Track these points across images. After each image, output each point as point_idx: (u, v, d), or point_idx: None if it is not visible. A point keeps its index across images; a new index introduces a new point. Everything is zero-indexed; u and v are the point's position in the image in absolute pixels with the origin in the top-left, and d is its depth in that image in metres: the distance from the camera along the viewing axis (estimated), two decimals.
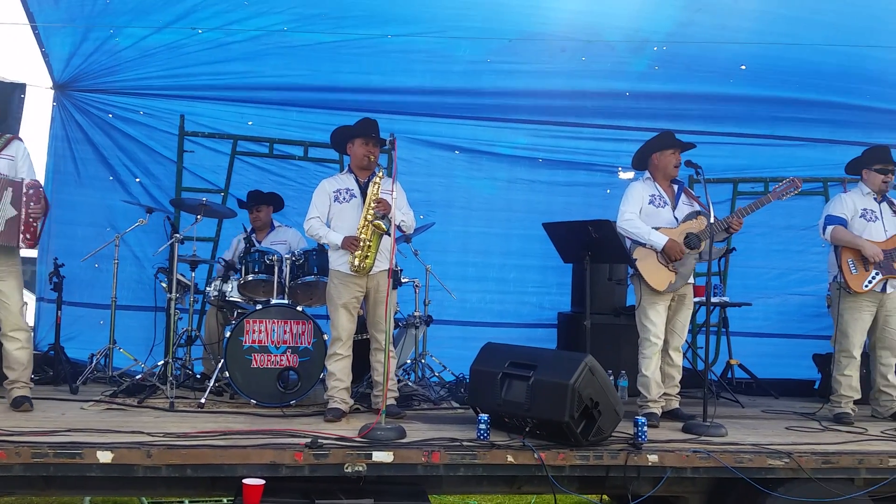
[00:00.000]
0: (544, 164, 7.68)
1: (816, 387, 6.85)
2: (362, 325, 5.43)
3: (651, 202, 5.35)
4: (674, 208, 5.37)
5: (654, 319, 5.24)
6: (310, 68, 6.90)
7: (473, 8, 6.13)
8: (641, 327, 5.31)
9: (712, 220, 5.18)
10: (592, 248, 5.22)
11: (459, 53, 6.69)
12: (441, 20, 6.37)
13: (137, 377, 5.70)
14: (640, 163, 5.53)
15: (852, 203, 5.70)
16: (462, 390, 5.96)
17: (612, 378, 5.36)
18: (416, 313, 6.31)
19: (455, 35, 6.36)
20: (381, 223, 4.84)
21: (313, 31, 6.34)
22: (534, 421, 4.34)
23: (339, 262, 5.07)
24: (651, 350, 5.24)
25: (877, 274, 5.54)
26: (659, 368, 5.28)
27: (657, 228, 5.26)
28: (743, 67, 6.48)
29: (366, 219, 4.95)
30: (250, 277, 5.68)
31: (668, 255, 5.20)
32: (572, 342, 6.47)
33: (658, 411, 5.23)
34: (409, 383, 6.01)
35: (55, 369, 5.88)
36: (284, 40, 6.53)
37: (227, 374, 5.28)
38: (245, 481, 3.81)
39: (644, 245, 5.25)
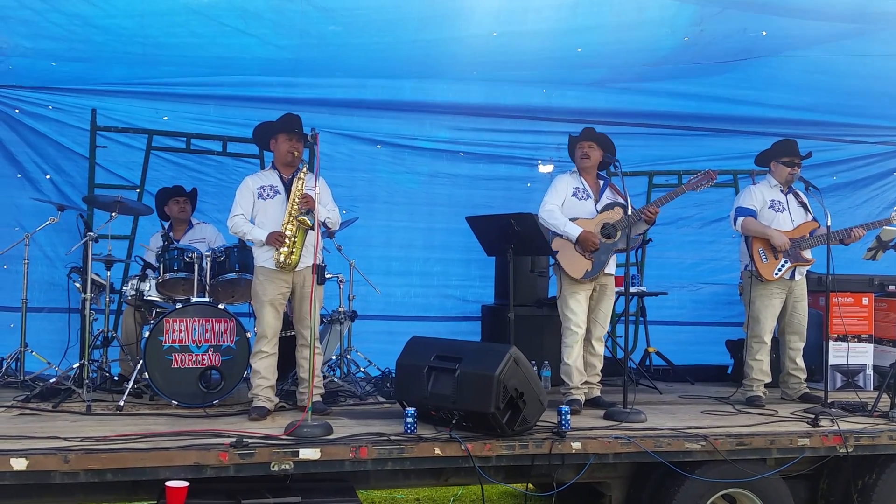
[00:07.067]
0: (465, 157, 7.73)
1: (729, 372, 7.07)
2: (286, 322, 5.36)
3: (574, 195, 5.47)
4: (596, 202, 5.50)
5: (575, 308, 5.36)
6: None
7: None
8: (563, 316, 5.42)
9: (629, 211, 5.34)
10: (515, 241, 5.30)
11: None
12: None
13: (52, 381, 5.50)
14: (571, 155, 5.66)
15: (761, 195, 5.93)
16: (388, 385, 5.96)
17: (535, 368, 5.46)
18: (341, 309, 6.27)
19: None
20: (307, 218, 4.81)
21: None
22: (460, 413, 4.38)
23: (264, 258, 5.00)
24: (573, 339, 5.35)
25: (786, 262, 5.79)
26: (581, 357, 5.40)
27: (575, 219, 5.38)
28: None
29: (290, 214, 4.90)
30: (168, 276, 5.54)
31: (583, 246, 5.33)
32: (496, 334, 6.54)
33: (581, 398, 5.36)
34: (335, 379, 5.98)
35: None
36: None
37: (147, 375, 5.15)
38: (168, 484, 3.73)
39: (562, 236, 5.37)
